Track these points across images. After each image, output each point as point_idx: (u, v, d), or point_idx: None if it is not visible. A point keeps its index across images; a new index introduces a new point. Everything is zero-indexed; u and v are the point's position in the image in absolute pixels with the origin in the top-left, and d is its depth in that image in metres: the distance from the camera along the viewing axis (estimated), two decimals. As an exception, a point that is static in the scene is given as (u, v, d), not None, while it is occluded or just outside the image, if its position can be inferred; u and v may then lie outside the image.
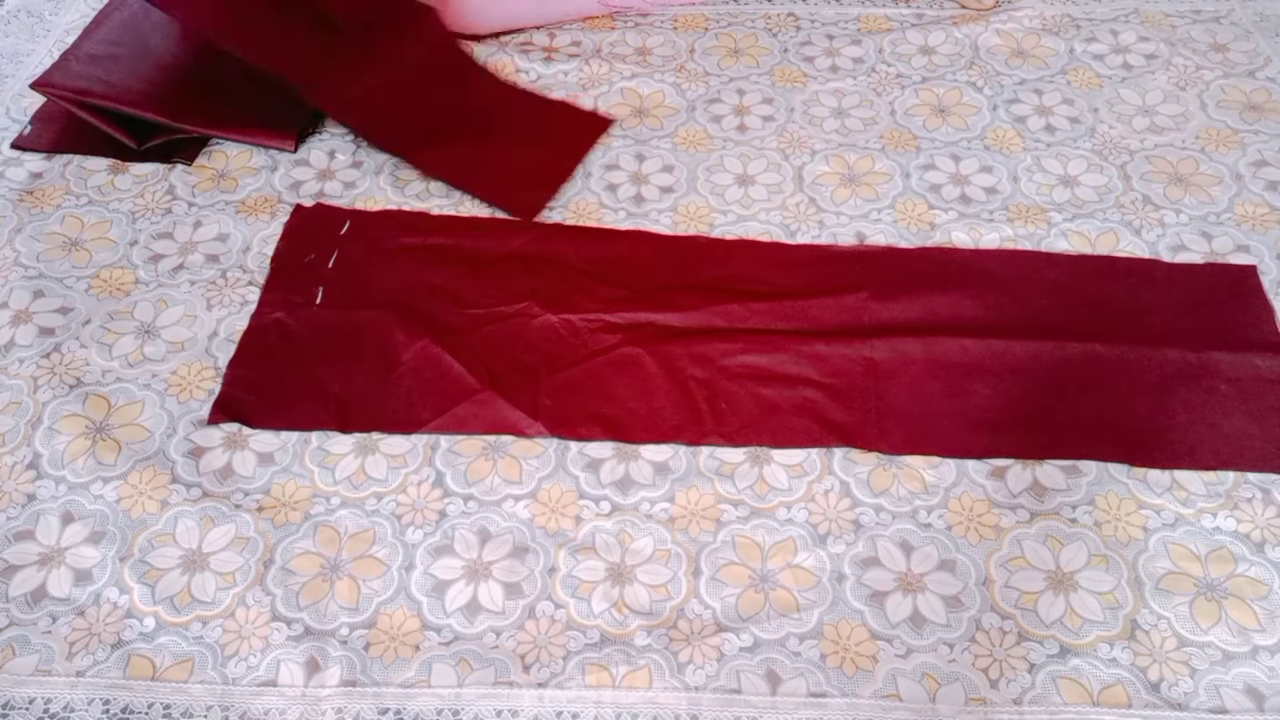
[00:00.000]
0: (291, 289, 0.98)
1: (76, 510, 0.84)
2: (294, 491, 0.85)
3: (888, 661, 0.75)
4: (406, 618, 0.78)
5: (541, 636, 0.77)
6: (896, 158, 1.10)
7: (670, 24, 1.27)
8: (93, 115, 1.11)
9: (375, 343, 0.93)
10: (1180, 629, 0.76)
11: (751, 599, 0.78)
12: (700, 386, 0.89)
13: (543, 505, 0.84)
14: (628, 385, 0.90)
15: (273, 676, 0.75)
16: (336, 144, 1.13)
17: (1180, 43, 1.20)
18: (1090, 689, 0.73)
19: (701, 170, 1.09)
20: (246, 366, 0.92)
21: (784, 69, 1.20)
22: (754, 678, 0.74)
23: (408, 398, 0.89)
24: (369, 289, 0.98)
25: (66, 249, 1.03)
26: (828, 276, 0.98)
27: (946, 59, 1.21)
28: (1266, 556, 0.79)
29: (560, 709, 0.73)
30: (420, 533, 0.82)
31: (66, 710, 0.74)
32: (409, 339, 0.93)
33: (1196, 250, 1.00)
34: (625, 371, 0.90)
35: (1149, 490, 0.83)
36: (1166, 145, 1.10)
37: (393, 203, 1.07)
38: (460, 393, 0.89)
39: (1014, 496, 0.83)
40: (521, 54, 1.21)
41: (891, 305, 0.95)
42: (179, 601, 0.79)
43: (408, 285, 0.98)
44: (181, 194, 1.08)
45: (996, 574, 0.79)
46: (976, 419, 0.87)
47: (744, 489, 0.84)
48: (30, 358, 0.94)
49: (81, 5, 1.31)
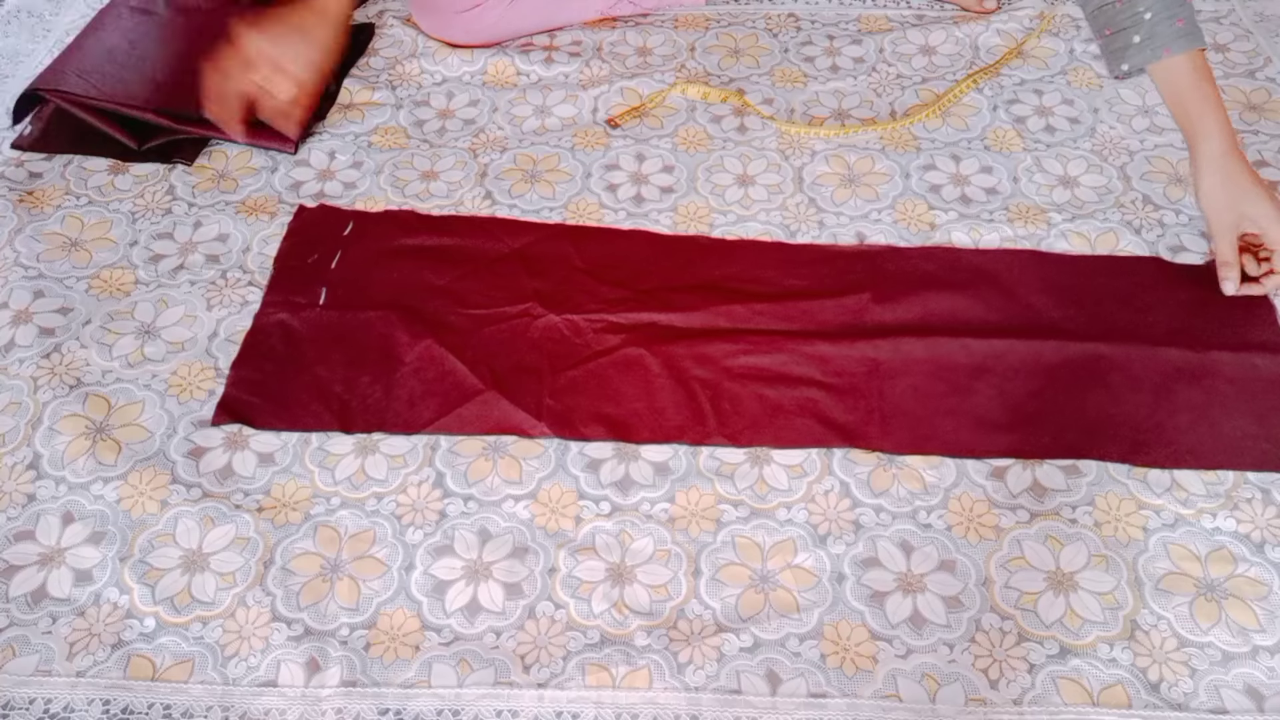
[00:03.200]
0: (294, 290, 0.98)
1: (76, 510, 0.84)
2: (294, 492, 0.85)
3: (888, 662, 0.75)
4: (406, 618, 0.78)
5: (541, 637, 0.77)
6: (896, 158, 1.10)
7: (670, 24, 1.27)
8: (93, 115, 1.11)
9: (378, 343, 0.93)
10: (1180, 629, 0.76)
11: (751, 599, 0.78)
12: (704, 387, 0.89)
13: (543, 505, 0.84)
14: (631, 385, 0.90)
15: (273, 677, 0.75)
16: (336, 144, 1.13)
17: (1180, 43, 1.20)
18: (1090, 689, 0.73)
19: (701, 170, 1.09)
20: (249, 367, 0.92)
21: (784, 69, 1.21)
22: (754, 678, 0.74)
23: (410, 398, 0.89)
24: (372, 289, 0.98)
25: (66, 249, 1.03)
26: (830, 277, 0.98)
27: (947, 59, 1.21)
28: (1266, 557, 0.79)
29: (560, 709, 0.73)
30: (420, 533, 0.82)
31: (66, 710, 0.74)
32: (412, 339, 0.93)
33: (1196, 250, 1.00)
34: (629, 372, 0.90)
35: (1149, 491, 0.83)
36: (1166, 145, 1.10)
37: (393, 203, 1.07)
38: (463, 393, 0.89)
39: (1014, 497, 0.83)
40: (522, 55, 1.22)
41: (894, 306, 0.95)
42: (179, 602, 0.79)
43: (411, 286, 0.98)
44: (181, 194, 1.09)
45: (996, 574, 0.79)
46: (980, 419, 0.87)
47: (744, 489, 0.84)
48: (30, 358, 0.94)
49: (81, 5, 1.31)
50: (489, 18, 1.20)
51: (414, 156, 1.12)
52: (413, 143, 1.14)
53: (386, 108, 1.17)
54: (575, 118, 1.15)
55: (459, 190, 1.08)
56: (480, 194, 1.07)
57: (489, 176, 1.09)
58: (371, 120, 1.16)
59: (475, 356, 0.92)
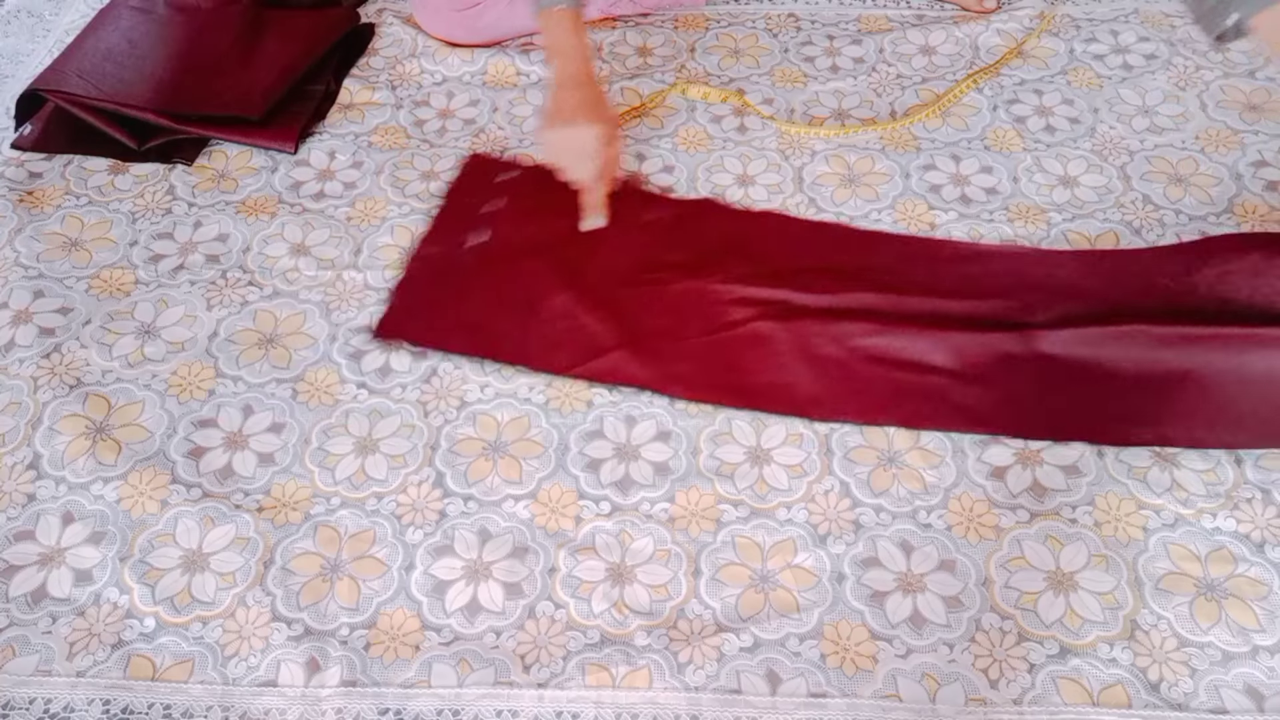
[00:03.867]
0: (459, 226, 1.03)
1: (76, 510, 0.84)
2: (294, 491, 0.85)
3: (888, 662, 0.75)
4: (406, 618, 0.78)
5: (541, 636, 0.77)
6: (896, 158, 1.10)
7: (670, 24, 1.27)
8: (93, 115, 1.11)
9: (526, 288, 0.97)
10: (1180, 629, 0.76)
11: (751, 599, 0.78)
12: (834, 366, 0.90)
13: (543, 505, 0.84)
14: (760, 358, 0.91)
15: (273, 677, 0.75)
16: (336, 144, 1.13)
17: (1180, 43, 1.20)
18: (1090, 689, 0.73)
19: (701, 170, 1.09)
20: (409, 292, 0.98)
21: (784, 69, 1.21)
22: (754, 678, 0.74)
23: (548, 343, 0.93)
24: (528, 238, 1.02)
25: (66, 249, 1.03)
26: (973, 276, 0.98)
27: (947, 59, 1.21)
28: (1266, 557, 0.79)
29: (560, 709, 0.73)
30: (420, 533, 0.82)
31: (66, 710, 0.74)
32: (557, 289, 0.97)
33: (1196, 250, 1.00)
34: (759, 345, 0.92)
35: (1149, 490, 0.83)
36: (1166, 145, 1.10)
37: (393, 203, 1.07)
38: (598, 347, 0.92)
39: (1014, 497, 0.83)
40: (522, 55, 1.22)
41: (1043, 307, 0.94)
42: (179, 602, 0.79)
43: (563, 240, 1.01)
44: (181, 194, 1.09)
45: (996, 574, 0.79)
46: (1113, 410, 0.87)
47: (744, 489, 0.84)
48: (30, 358, 0.94)
49: (81, 5, 1.31)
50: (489, 16, 1.20)
51: (414, 156, 1.12)
52: (413, 143, 1.14)
53: (386, 108, 1.17)
54: (575, 118, 1.16)
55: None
56: (480, 194, 1.07)
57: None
58: (371, 120, 1.16)
59: (613, 314, 0.95)
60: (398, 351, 0.94)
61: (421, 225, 1.04)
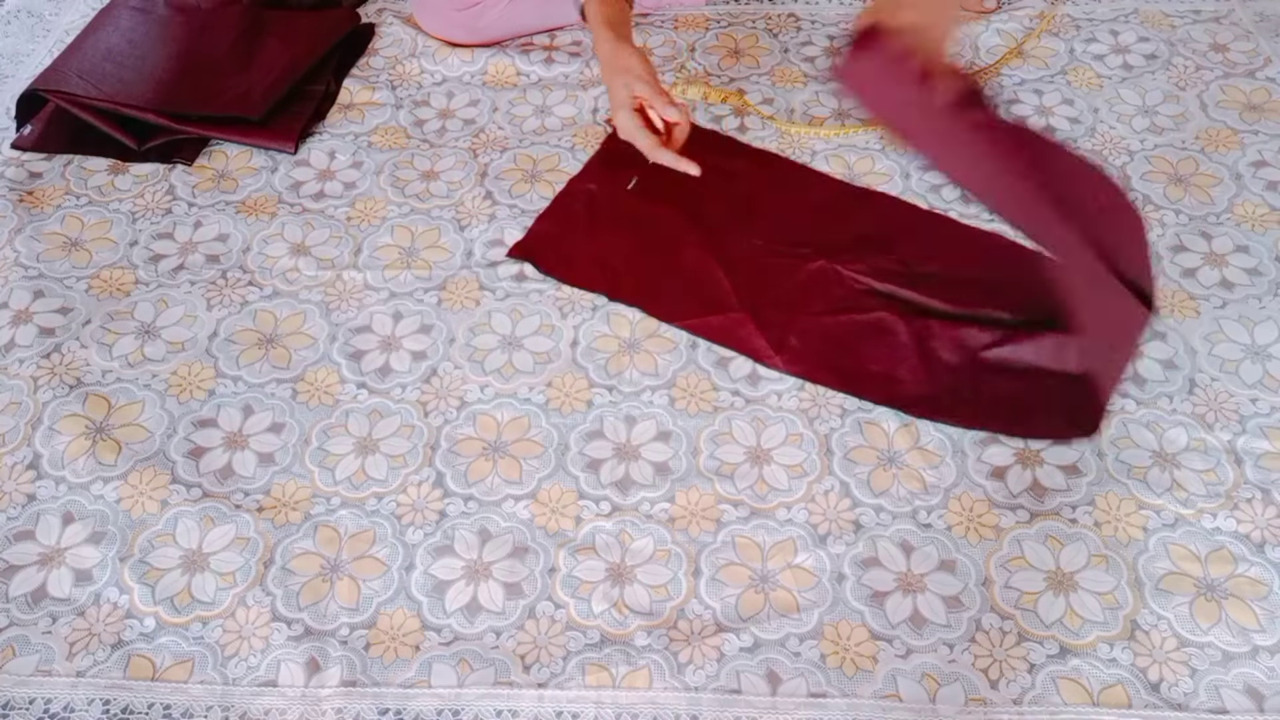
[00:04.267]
0: (610, 169, 1.07)
1: (77, 510, 0.84)
2: (294, 491, 0.85)
3: (888, 662, 0.75)
4: (406, 618, 0.78)
5: (541, 636, 0.77)
6: (896, 158, 1.10)
7: (670, 24, 1.27)
8: (93, 115, 1.11)
9: (664, 238, 1.01)
10: (1180, 629, 0.76)
11: (751, 599, 0.78)
12: (949, 370, 0.90)
13: (543, 505, 0.84)
14: (876, 348, 0.92)
15: (273, 677, 0.75)
16: (336, 144, 1.13)
17: (1180, 43, 1.20)
18: (1090, 689, 0.73)
19: (701, 170, 1.09)
20: (551, 221, 1.03)
21: (784, 69, 1.21)
22: (754, 678, 0.74)
23: (674, 293, 0.96)
24: (675, 192, 1.04)
25: (66, 249, 1.03)
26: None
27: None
28: (1266, 557, 0.79)
29: (560, 709, 0.73)
30: (420, 533, 0.82)
31: (67, 710, 0.74)
32: (693, 244, 1.00)
33: (1196, 250, 1.00)
34: (878, 336, 0.93)
35: (1149, 490, 0.83)
36: (1166, 145, 1.10)
37: (393, 203, 1.07)
38: (720, 306, 0.95)
39: (1014, 497, 0.83)
40: (522, 55, 1.22)
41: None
42: (179, 602, 0.79)
43: (709, 199, 1.04)
44: (181, 194, 1.09)
45: (996, 574, 0.79)
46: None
47: (744, 489, 0.84)
48: (30, 358, 0.94)
49: (81, 5, 1.31)
50: (489, 16, 1.20)
51: (414, 156, 1.12)
52: (413, 143, 1.14)
53: (386, 108, 1.17)
54: (575, 118, 1.15)
55: (459, 190, 1.08)
56: (480, 194, 1.07)
57: (489, 176, 1.09)
58: (371, 120, 1.16)
59: (741, 279, 0.97)
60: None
61: (422, 225, 1.04)
